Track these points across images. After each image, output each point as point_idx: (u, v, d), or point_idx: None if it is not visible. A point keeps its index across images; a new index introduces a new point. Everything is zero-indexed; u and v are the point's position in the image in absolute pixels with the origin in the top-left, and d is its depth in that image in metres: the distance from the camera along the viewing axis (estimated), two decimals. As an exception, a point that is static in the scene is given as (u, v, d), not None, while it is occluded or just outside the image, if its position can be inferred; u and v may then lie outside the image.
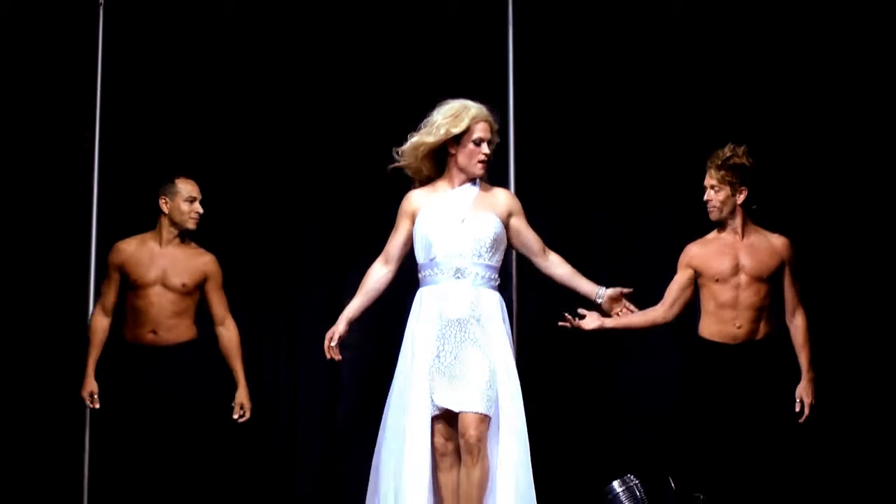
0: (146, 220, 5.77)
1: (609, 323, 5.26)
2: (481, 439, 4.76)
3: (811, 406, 5.26)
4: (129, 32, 6.26)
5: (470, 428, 4.76)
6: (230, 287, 6.30)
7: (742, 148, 5.33)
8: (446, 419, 4.82)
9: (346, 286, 6.22)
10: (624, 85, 6.41)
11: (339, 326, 5.02)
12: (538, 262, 5.14)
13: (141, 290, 5.55)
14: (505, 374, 4.86)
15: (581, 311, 5.22)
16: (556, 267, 5.15)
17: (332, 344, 5.00)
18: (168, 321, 5.54)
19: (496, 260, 4.96)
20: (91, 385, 5.54)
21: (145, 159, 6.24)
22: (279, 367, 6.43)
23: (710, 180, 5.35)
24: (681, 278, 5.42)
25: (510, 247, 5.14)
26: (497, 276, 4.97)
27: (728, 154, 5.31)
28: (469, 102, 4.99)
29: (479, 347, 4.83)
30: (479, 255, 4.91)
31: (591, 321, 5.21)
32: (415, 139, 5.00)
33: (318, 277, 6.45)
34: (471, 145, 4.96)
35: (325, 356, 5.09)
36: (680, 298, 5.39)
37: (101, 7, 6.18)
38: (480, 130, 4.97)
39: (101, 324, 5.62)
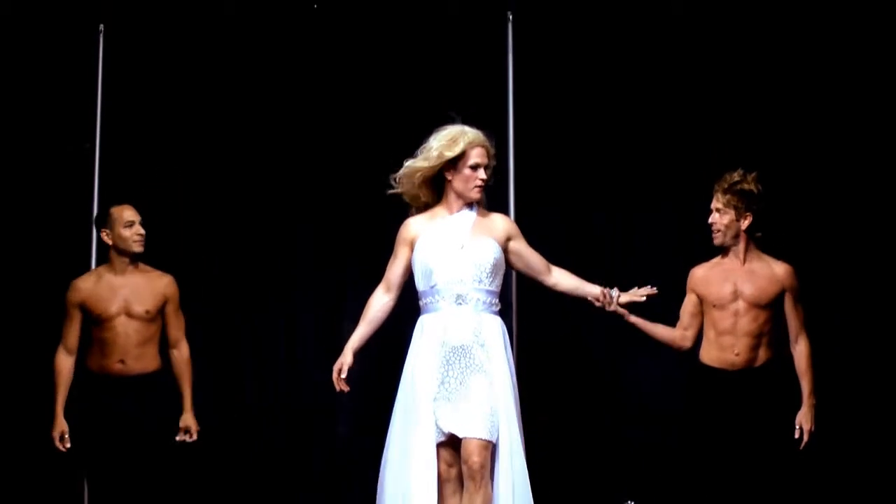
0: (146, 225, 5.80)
1: (633, 319, 5.24)
2: (484, 465, 4.77)
3: (810, 433, 5.25)
4: (129, 56, 6.29)
5: (473, 454, 4.77)
6: (231, 288, 6.36)
7: (752, 175, 5.26)
8: (449, 445, 4.83)
9: (345, 286, 6.29)
10: (624, 85, 6.38)
11: (346, 358, 5.00)
12: (545, 280, 5.12)
13: (106, 323, 5.48)
14: (507, 400, 4.86)
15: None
16: (563, 281, 5.13)
17: (342, 376, 4.99)
18: (135, 350, 5.48)
19: (496, 285, 4.96)
20: (61, 425, 5.48)
21: (147, 167, 6.29)
22: (279, 367, 6.44)
23: (715, 203, 5.31)
24: (687, 303, 5.41)
25: (513, 270, 5.14)
26: (497, 300, 4.97)
27: (736, 179, 5.25)
28: (466, 128, 4.95)
29: (484, 373, 4.84)
30: (480, 281, 4.91)
31: (618, 305, 5.15)
32: (411, 166, 4.97)
33: (318, 277, 6.45)
34: (467, 170, 4.94)
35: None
36: (693, 323, 5.38)
37: (102, 35, 6.18)
38: (477, 156, 4.94)
39: (66, 364, 5.54)
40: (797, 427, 5.25)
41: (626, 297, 5.14)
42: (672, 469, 5.84)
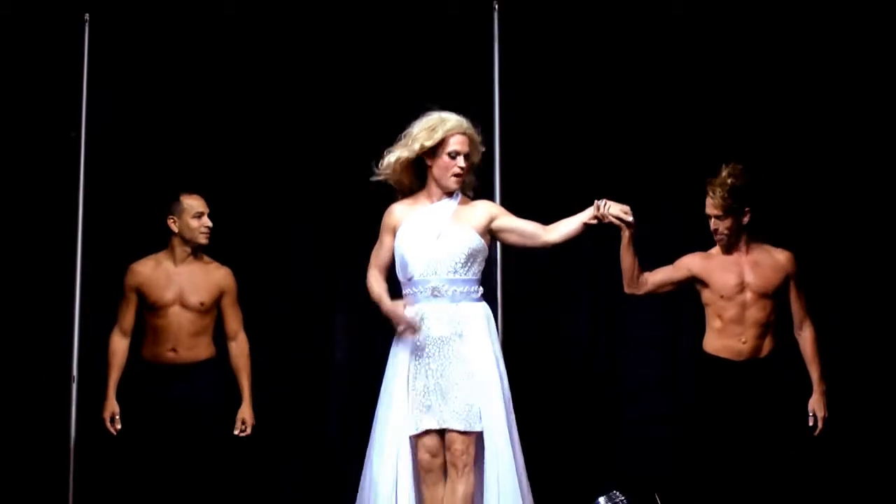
0: (140, 227, 5.87)
1: (627, 234, 5.11)
2: (466, 452, 4.77)
3: (824, 419, 5.24)
4: (115, 45, 6.30)
5: (456, 442, 4.77)
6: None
7: (737, 167, 5.23)
8: (433, 435, 4.81)
9: (344, 286, 6.29)
10: (616, 77, 6.38)
11: (398, 309, 4.88)
12: (546, 242, 4.97)
13: (160, 311, 5.52)
14: (492, 390, 4.83)
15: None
16: (558, 232, 4.96)
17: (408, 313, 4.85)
18: (188, 340, 5.52)
19: (473, 272, 4.92)
20: (112, 406, 5.51)
21: (142, 167, 6.31)
22: (278, 367, 6.44)
23: (713, 210, 5.27)
24: (672, 271, 5.39)
25: (511, 247, 5.11)
26: (477, 287, 4.93)
27: (729, 181, 5.20)
28: (447, 115, 4.94)
29: (464, 363, 4.82)
30: (454, 272, 4.89)
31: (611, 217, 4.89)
32: (392, 153, 4.97)
33: (317, 277, 6.46)
34: (445, 158, 4.93)
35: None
36: (658, 284, 5.38)
37: (87, 24, 6.22)
38: (456, 143, 4.91)
39: (120, 345, 5.58)
40: (811, 415, 5.24)
41: (615, 208, 4.82)
42: (668, 459, 5.83)
